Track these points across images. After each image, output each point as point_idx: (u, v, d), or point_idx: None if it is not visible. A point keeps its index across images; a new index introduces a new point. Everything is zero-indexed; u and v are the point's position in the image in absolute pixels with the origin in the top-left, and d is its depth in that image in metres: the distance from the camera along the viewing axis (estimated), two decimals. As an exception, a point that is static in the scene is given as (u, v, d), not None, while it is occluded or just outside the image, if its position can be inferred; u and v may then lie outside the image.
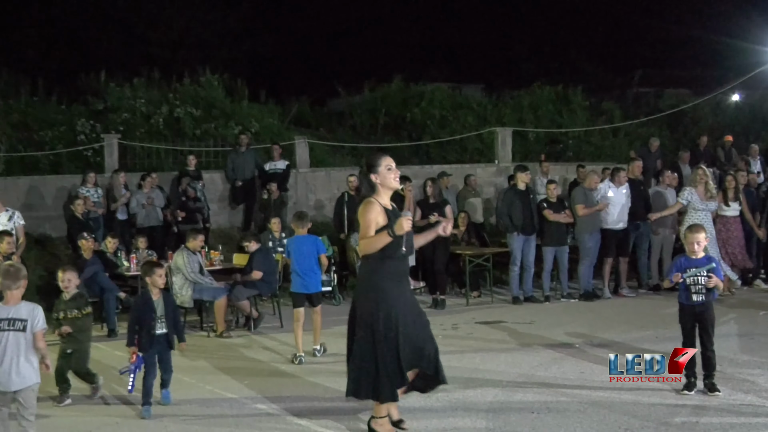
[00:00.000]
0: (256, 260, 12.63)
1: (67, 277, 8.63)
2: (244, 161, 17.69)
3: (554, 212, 14.29)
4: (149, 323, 8.19)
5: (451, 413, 7.78)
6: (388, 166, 6.92)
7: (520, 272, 14.32)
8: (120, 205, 15.91)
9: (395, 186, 6.93)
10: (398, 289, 6.90)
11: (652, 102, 27.06)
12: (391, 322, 6.83)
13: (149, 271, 8.38)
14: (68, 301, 8.62)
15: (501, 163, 20.28)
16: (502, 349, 10.60)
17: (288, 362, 10.23)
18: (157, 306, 8.27)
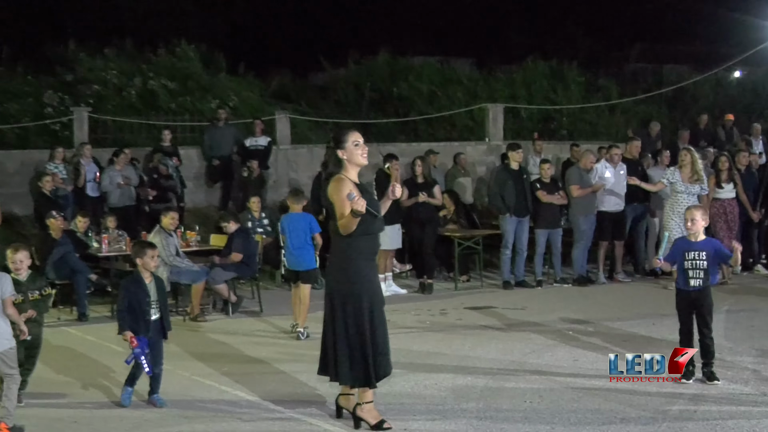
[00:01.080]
0: (236, 241, 12.65)
1: (18, 258, 7.97)
2: (222, 137, 17.68)
3: (547, 193, 14.37)
4: (143, 308, 7.85)
5: (440, 402, 7.84)
6: (356, 141, 7.00)
7: (512, 255, 14.40)
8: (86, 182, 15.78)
9: (362, 162, 7.01)
10: (372, 270, 7.06)
11: (650, 78, 27.15)
12: (363, 306, 6.95)
13: (140, 252, 8.04)
14: (27, 282, 8.00)
15: (492, 141, 20.34)
16: (492, 336, 10.68)
17: (268, 348, 10.28)
18: (149, 290, 7.94)
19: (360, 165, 7.02)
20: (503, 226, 14.34)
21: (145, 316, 7.86)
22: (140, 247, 8.21)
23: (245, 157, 17.41)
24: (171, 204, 15.60)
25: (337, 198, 6.89)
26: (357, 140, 7.00)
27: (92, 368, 9.43)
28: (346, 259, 7.00)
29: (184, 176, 17.13)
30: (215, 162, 17.66)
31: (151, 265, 8.03)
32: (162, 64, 20.21)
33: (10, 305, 7.24)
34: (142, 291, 7.90)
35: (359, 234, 6.90)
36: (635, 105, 24.18)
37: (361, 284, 6.95)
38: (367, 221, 6.90)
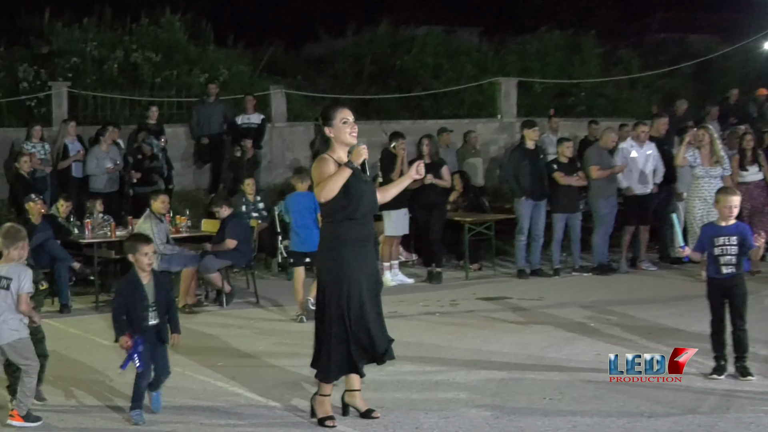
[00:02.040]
0: (229, 227, 12.73)
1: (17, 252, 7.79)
2: (212, 114, 17.75)
3: (565, 174, 14.44)
4: (140, 313, 7.48)
5: (453, 399, 7.92)
6: (344, 119, 7.09)
7: (527, 242, 14.48)
8: (71, 163, 15.87)
9: (350, 141, 7.09)
10: (359, 259, 7.08)
11: (674, 50, 27.16)
12: (343, 300, 7.05)
13: (133, 248, 7.60)
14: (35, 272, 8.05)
15: (504, 118, 20.41)
16: (507, 329, 10.78)
17: (264, 341, 10.37)
18: (147, 291, 7.54)
19: (348, 144, 7.11)
20: (518, 209, 14.42)
21: (141, 323, 7.49)
22: (133, 242, 7.77)
23: (236, 135, 17.46)
24: (156, 187, 15.67)
25: (316, 175, 7.07)
26: (346, 118, 7.09)
27: (77, 364, 9.52)
28: (328, 247, 7.17)
29: (171, 157, 17.17)
30: (204, 141, 17.72)
31: (144, 262, 7.56)
32: (145, 35, 20.18)
33: (25, 302, 7.45)
34: (139, 293, 7.52)
35: (341, 219, 7.05)
36: (658, 79, 24.21)
37: (342, 272, 7.05)
38: (351, 206, 7.02)
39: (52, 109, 17.85)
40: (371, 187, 7.27)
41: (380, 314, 7.25)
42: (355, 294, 7.03)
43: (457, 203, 15.75)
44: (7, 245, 7.54)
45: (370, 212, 7.19)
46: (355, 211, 7.02)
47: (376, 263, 7.42)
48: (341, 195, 6.98)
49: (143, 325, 7.48)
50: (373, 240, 7.35)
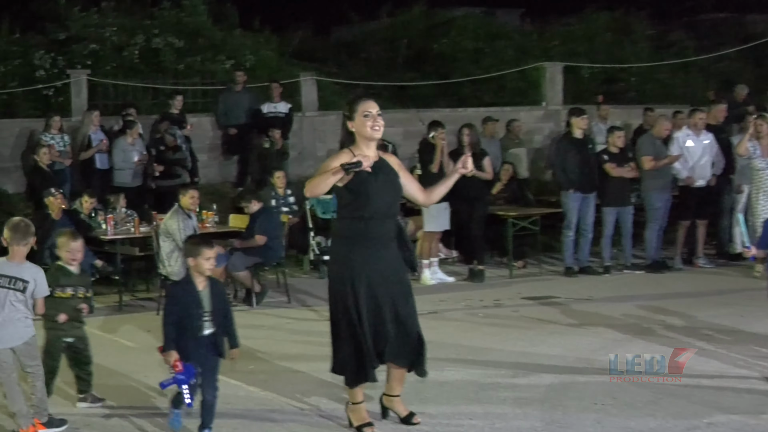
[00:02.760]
0: (259, 222, 12.83)
1: (76, 247, 8.12)
2: (239, 103, 17.84)
3: (617, 165, 14.42)
4: (195, 322, 7.24)
5: (499, 404, 7.96)
6: (365, 112, 7.10)
7: (576, 238, 14.50)
8: (93, 154, 16.02)
9: (372, 135, 7.10)
10: (367, 260, 7.10)
11: (731, 31, 27.01)
12: (350, 302, 7.10)
13: (194, 251, 7.32)
14: (78, 276, 8.18)
15: (549, 106, 20.40)
16: (554, 330, 10.81)
17: (297, 343, 10.44)
18: (203, 299, 7.29)
19: (370, 138, 7.12)
20: (565, 203, 14.43)
21: (196, 333, 7.26)
22: (195, 244, 7.46)
23: (262, 125, 17.54)
24: (179, 180, 15.81)
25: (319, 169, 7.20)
26: (367, 111, 7.09)
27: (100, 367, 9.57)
28: (336, 245, 7.34)
29: (195, 148, 17.31)
30: (231, 131, 17.83)
31: (205, 267, 7.29)
32: (167, 19, 20.32)
33: (42, 305, 7.62)
34: (194, 300, 7.26)
35: (346, 216, 7.16)
36: (714, 62, 24.09)
37: (347, 271, 7.12)
38: (358, 204, 7.06)
39: (70, 98, 17.99)
40: (390, 186, 7.20)
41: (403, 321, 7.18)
42: (362, 295, 7.07)
43: (499, 195, 15.75)
44: (17, 240, 7.54)
45: (384, 213, 7.15)
46: (363, 210, 7.06)
47: (396, 264, 7.27)
48: (346, 192, 7.06)
49: (198, 335, 7.24)
50: (391, 240, 7.24)
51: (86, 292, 8.23)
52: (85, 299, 8.20)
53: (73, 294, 8.08)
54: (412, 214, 14.59)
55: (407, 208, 14.62)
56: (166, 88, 18.70)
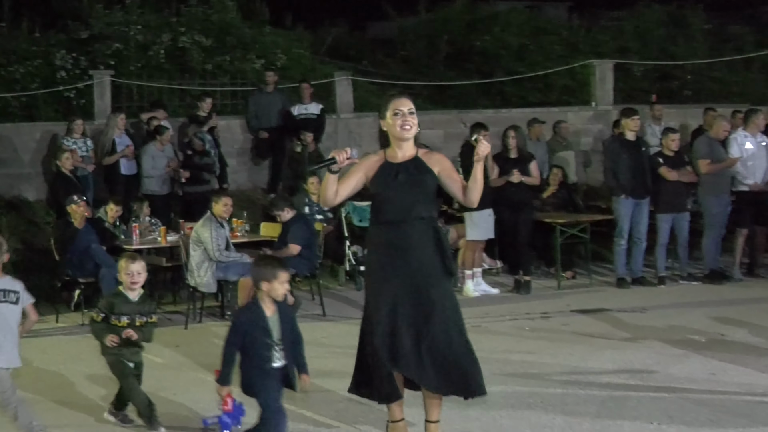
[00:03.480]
0: (292, 231, 12.90)
1: (136, 269, 7.90)
2: (270, 105, 17.89)
3: (672, 169, 14.37)
4: (263, 352, 7.01)
5: (548, 423, 7.98)
6: (396, 110, 7.08)
7: (628, 246, 14.47)
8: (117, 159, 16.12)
9: (401, 135, 7.06)
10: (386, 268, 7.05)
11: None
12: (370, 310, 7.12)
13: (269, 274, 7.03)
14: (138, 303, 8.01)
15: (599, 106, 20.34)
16: (606, 344, 10.80)
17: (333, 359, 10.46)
18: (272, 327, 7.05)
19: (400, 138, 7.08)
20: (617, 209, 14.41)
21: (263, 364, 7.00)
22: (269, 266, 7.17)
23: (293, 128, 17.59)
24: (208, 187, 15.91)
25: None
26: (397, 109, 7.07)
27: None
28: (367, 254, 7.44)
29: (225, 152, 17.41)
30: (263, 135, 17.91)
31: (280, 292, 7.03)
32: (194, 16, 20.41)
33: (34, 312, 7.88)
34: (261, 328, 7.01)
35: (372, 221, 7.26)
36: (777, 58, 23.96)
37: (371, 280, 7.22)
38: (377, 206, 7.12)
39: (93, 100, 18.09)
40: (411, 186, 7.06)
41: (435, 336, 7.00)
42: (381, 306, 7.03)
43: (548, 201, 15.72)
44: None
45: (403, 216, 7.04)
46: (382, 214, 7.11)
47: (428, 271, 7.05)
48: (372, 197, 7.16)
49: (267, 367, 6.99)
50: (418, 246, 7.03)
51: (145, 320, 8.05)
52: (142, 327, 8.01)
53: (129, 323, 7.92)
54: (454, 221, 14.61)
55: (448, 215, 14.68)
56: (193, 90, 18.80)
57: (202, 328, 12.43)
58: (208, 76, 19.48)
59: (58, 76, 18.64)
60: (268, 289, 6.98)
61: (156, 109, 17.18)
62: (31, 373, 10.09)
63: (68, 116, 16.92)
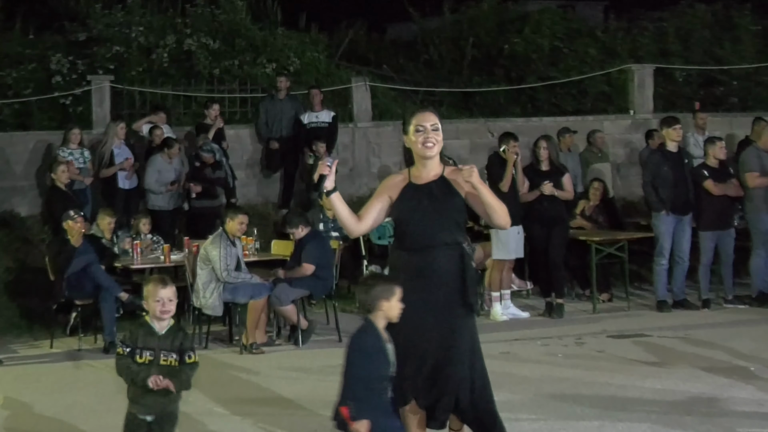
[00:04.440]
0: (307, 249, 12.92)
1: (166, 295, 6.99)
2: (283, 112, 17.93)
3: (718, 182, 14.34)
4: (381, 383, 6.74)
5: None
6: (418, 126, 7.06)
7: (669, 266, 14.45)
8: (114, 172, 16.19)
9: (423, 154, 7.06)
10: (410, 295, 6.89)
11: None
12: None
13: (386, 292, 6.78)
14: (164, 337, 6.98)
15: (638, 114, 20.32)
16: (647, 372, 10.77)
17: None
18: (389, 352, 6.81)
19: (423, 157, 7.07)
20: (657, 226, 14.39)
21: (379, 396, 6.74)
22: (383, 282, 6.94)
23: (305, 137, 17.63)
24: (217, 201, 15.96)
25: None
26: (420, 125, 7.04)
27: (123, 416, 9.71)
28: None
29: (233, 164, 17.41)
30: (274, 145, 17.94)
31: (395, 314, 6.77)
32: (201, 17, 20.45)
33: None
34: (383, 355, 6.77)
35: (394, 246, 7.29)
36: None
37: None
38: (399, 231, 7.13)
39: (91, 107, 18.11)
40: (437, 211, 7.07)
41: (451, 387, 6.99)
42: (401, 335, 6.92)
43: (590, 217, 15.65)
44: None
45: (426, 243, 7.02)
46: (404, 240, 7.11)
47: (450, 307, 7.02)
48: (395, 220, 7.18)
49: (380, 400, 6.73)
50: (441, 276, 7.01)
51: (177, 359, 6.92)
52: (172, 369, 6.89)
53: (152, 360, 6.85)
54: (481, 239, 14.60)
55: (475, 232, 14.66)
56: (200, 96, 18.86)
57: (208, 354, 12.44)
58: (216, 82, 19.52)
59: (54, 82, 18.71)
60: (387, 307, 6.73)
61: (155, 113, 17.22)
62: (23, 404, 10.15)
63: (64, 125, 16.98)
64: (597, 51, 22.65)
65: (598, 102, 21.62)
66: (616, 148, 19.51)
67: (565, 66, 22.17)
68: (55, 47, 19.40)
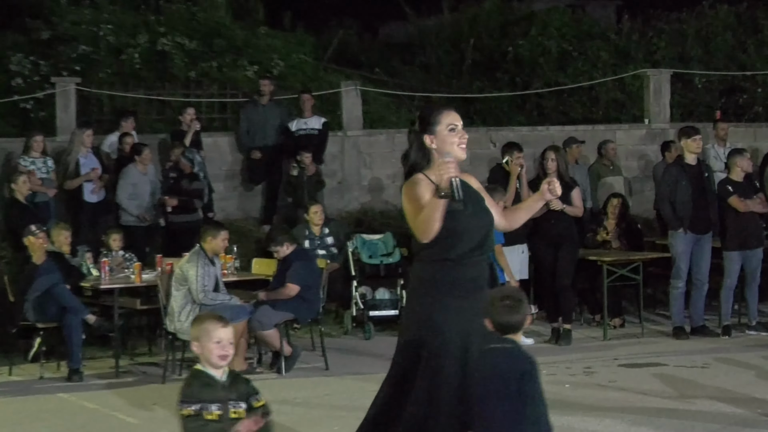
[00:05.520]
0: (293, 269, 12.91)
1: (227, 337, 6.36)
2: (266, 119, 17.91)
3: (743, 198, 14.38)
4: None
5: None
6: (451, 125, 7.01)
7: (687, 289, 14.49)
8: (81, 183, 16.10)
9: (459, 156, 6.99)
10: (457, 312, 6.90)
11: None
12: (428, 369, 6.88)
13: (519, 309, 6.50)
14: (227, 385, 6.33)
15: (654, 123, 20.37)
16: (662, 407, 10.76)
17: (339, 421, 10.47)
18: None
19: (456, 158, 6.94)
20: (674, 246, 14.40)
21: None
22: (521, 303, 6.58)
23: (291, 147, 17.63)
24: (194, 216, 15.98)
25: (407, 200, 6.97)
26: (453, 123, 7.00)
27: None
28: (416, 294, 7.11)
29: (211, 175, 17.43)
30: (256, 155, 17.93)
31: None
32: (177, 15, 20.54)
33: None
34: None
35: (437, 258, 6.94)
36: None
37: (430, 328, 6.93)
38: (445, 241, 6.90)
39: (55, 112, 18.04)
40: (481, 217, 7.09)
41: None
42: (449, 361, 6.85)
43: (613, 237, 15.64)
44: None
45: (478, 251, 7.02)
46: (451, 249, 6.91)
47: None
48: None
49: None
50: (484, 286, 7.07)
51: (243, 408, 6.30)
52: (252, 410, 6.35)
53: (221, 414, 6.20)
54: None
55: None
56: (174, 101, 18.87)
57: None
58: (192, 85, 19.56)
59: (14, 84, 18.76)
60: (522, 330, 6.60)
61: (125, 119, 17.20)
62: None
63: (26, 132, 16.93)
64: (609, 55, 22.77)
65: (610, 110, 21.72)
66: (629, 161, 19.53)
67: (574, 71, 22.29)
68: (16, 47, 19.45)
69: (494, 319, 6.33)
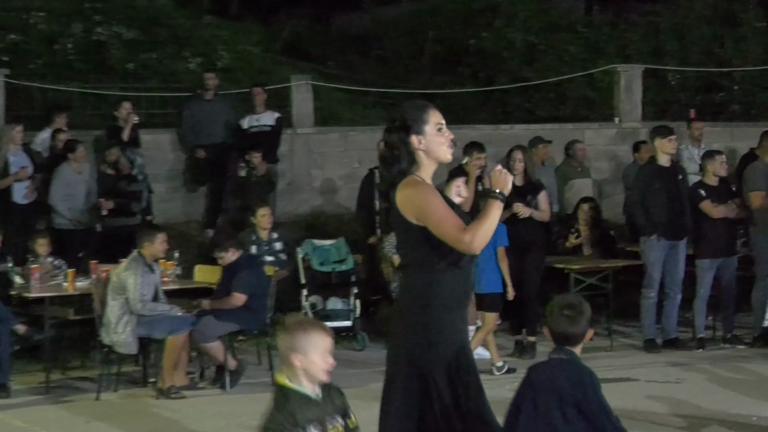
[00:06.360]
0: (239, 277, 12.87)
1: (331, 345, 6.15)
2: (211, 115, 17.90)
3: (717, 203, 14.45)
4: None
5: None
6: (438, 124, 6.93)
7: (659, 299, 14.55)
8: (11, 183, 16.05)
9: (446, 158, 6.97)
10: (458, 323, 6.93)
11: None
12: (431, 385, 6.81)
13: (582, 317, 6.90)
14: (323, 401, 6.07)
15: (625, 123, 20.47)
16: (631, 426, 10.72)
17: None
18: None
19: (443, 161, 6.97)
20: (646, 253, 14.47)
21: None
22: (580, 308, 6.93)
23: (242, 146, 17.62)
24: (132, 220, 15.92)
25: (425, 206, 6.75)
26: (440, 123, 6.92)
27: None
28: (424, 307, 6.93)
29: (150, 175, 17.40)
30: (200, 153, 17.88)
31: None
32: (114, 2, 20.49)
33: None
34: None
35: (444, 268, 6.84)
36: None
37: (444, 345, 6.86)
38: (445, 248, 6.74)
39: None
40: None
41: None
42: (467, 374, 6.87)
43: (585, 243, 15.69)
44: None
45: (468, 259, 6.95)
46: (446, 255, 6.80)
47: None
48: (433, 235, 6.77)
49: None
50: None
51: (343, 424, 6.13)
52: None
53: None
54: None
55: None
56: (112, 95, 18.79)
57: (119, 398, 12.41)
58: (131, 78, 19.51)
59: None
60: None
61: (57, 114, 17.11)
62: None
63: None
64: (578, 49, 22.86)
65: (579, 108, 21.80)
66: (598, 162, 19.62)
67: (541, 66, 22.37)
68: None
69: (552, 328, 6.58)
